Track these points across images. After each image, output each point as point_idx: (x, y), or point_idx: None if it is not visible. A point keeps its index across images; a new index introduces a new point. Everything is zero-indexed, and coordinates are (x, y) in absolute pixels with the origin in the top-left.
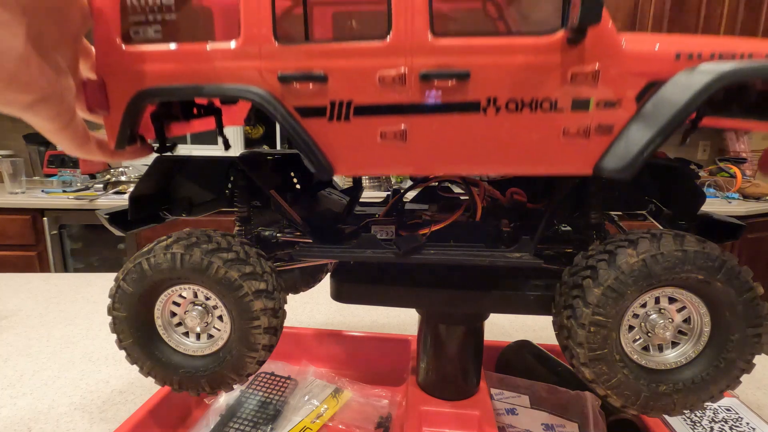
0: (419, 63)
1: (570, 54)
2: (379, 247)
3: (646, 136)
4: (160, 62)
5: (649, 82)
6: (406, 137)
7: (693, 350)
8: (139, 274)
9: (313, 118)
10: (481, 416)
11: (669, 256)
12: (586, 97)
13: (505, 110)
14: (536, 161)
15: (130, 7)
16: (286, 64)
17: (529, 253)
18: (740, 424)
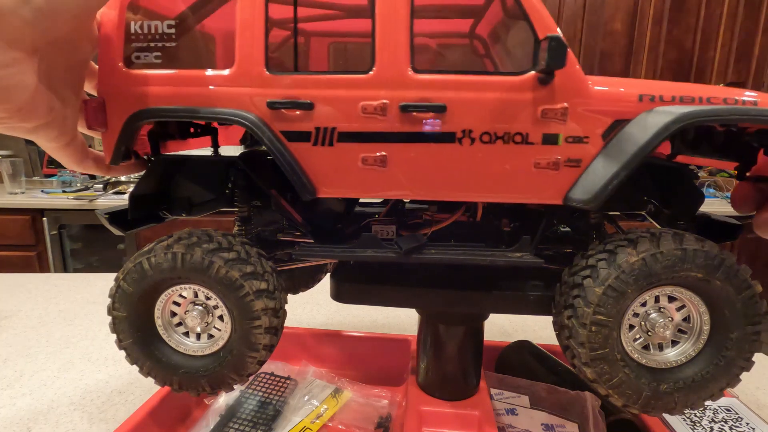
0: (399, 95)
1: (540, 92)
2: (380, 247)
3: (610, 171)
4: (158, 85)
5: (615, 121)
6: (386, 163)
7: (693, 349)
8: (140, 274)
9: (298, 143)
10: (481, 416)
11: (669, 255)
12: (556, 132)
13: (480, 142)
14: (509, 190)
15: (134, 34)
16: (275, 91)
17: (530, 253)
18: (740, 424)
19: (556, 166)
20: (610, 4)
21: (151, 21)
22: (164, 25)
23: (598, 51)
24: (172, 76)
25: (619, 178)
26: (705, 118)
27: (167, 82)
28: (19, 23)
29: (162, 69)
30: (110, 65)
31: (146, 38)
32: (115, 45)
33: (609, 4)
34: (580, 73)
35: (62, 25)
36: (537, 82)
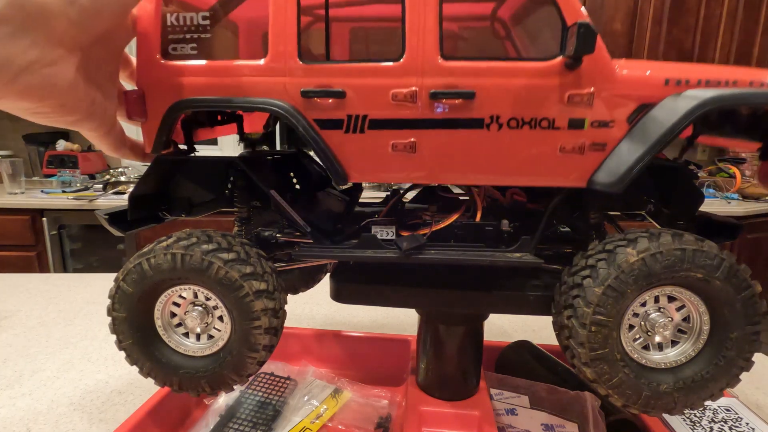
0: (429, 83)
1: (567, 78)
2: (379, 248)
3: (635, 155)
4: (195, 76)
5: (640, 105)
6: (415, 149)
7: (693, 349)
8: (139, 275)
9: (331, 130)
10: (481, 416)
11: (668, 255)
12: (582, 117)
13: (507, 127)
14: (535, 174)
15: (170, 27)
16: (308, 80)
17: (530, 253)
18: (740, 424)
19: (582, 150)
20: (609, 4)
21: (186, 13)
22: (199, 16)
23: None
24: (208, 66)
25: (643, 161)
26: (730, 102)
27: (203, 72)
28: (66, 23)
29: (198, 60)
30: (148, 57)
31: (182, 30)
32: (153, 38)
33: (609, 4)
34: (607, 58)
35: (104, 23)
36: (564, 68)
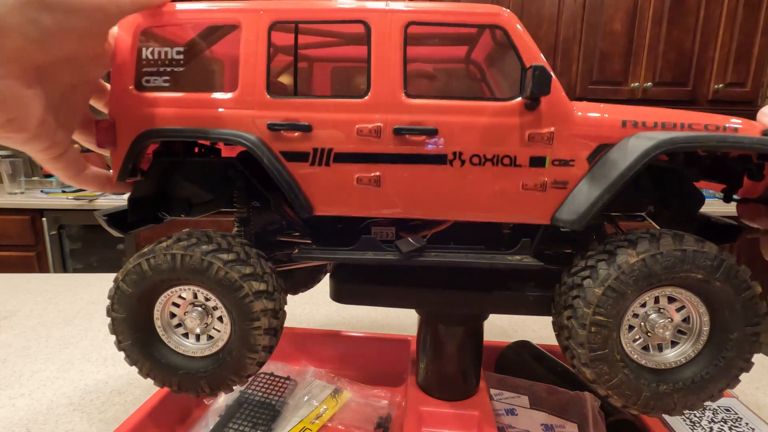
0: (393, 119)
1: (527, 117)
2: (379, 249)
3: (594, 194)
4: (165, 107)
5: (599, 145)
6: (380, 183)
7: (692, 349)
8: (139, 275)
9: (297, 162)
10: (481, 416)
11: (669, 256)
12: (543, 155)
13: (470, 163)
14: (498, 210)
15: (145, 60)
16: (276, 114)
17: (529, 255)
18: (740, 424)
19: (543, 187)
20: (609, 4)
21: (161, 47)
22: (174, 51)
23: (597, 51)
24: (179, 98)
25: (602, 200)
26: (683, 144)
27: (174, 104)
28: (22, 41)
29: (170, 92)
30: (122, 88)
31: (156, 63)
32: (128, 69)
33: (608, 4)
34: (565, 100)
35: (67, 46)
36: (524, 108)
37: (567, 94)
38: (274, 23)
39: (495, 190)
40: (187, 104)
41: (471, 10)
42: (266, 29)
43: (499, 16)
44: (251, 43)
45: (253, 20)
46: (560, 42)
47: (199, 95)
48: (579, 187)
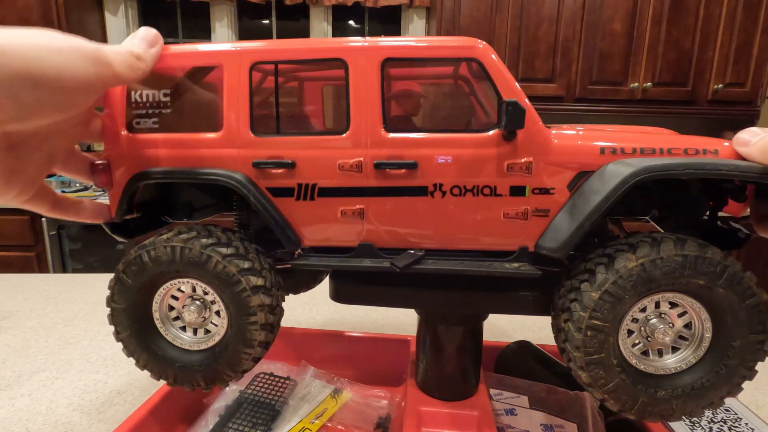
0: (373, 153)
1: (505, 148)
2: (377, 257)
3: (576, 222)
4: (156, 148)
5: (579, 173)
6: (363, 215)
7: (693, 356)
8: (139, 267)
9: (282, 198)
10: (480, 417)
11: (669, 261)
12: (522, 185)
13: (450, 194)
14: (482, 239)
15: (134, 102)
16: (260, 152)
17: (527, 263)
18: (739, 424)
19: (525, 215)
20: (609, 4)
21: (149, 90)
22: (161, 93)
23: (597, 51)
24: (168, 139)
25: (584, 228)
26: (660, 172)
27: (164, 144)
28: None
29: (159, 133)
30: (114, 130)
31: (145, 106)
32: (119, 112)
33: (608, 4)
34: (542, 130)
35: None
36: (501, 139)
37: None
38: (255, 63)
39: (477, 220)
40: (176, 145)
41: (446, 44)
42: (247, 69)
43: (474, 49)
44: (233, 83)
45: (235, 61)
46: (560, 42)
47: (186, 136)
48: (560, 215)
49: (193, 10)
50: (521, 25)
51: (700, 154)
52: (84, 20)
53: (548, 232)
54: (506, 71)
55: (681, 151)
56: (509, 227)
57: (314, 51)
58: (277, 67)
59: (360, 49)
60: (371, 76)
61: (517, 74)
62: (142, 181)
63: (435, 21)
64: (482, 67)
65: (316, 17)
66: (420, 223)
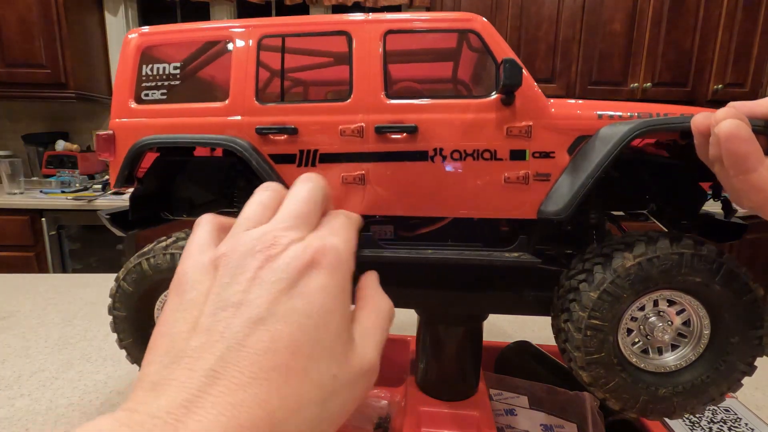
0: (374, 119)
1: (504, 112)
2: (376, 247)
3: (578, 182)
4: (161, 117)
5: (578, 137)
6: (364, 181)
7: (693, 353)
8: (139, 274)
9: (284, 164)
10: (480, 417)
11: (665, 259)
12: (522, 149)
13: (450, 159)
14: (483, 205)
15: (144, 76)
16: (264, 119)
17: (527, 253)
18: (739, 424)
19: (526, 180)
20: (609, 5)
21: (160, 64)
22: (171, 66)
23: (597, 52)
24: (175, 109)
25: (585, 187)
26: (657, 127)
27: (170, 114)
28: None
29: (166, 104)
30: (122, 102)
31: (155, 78)
32: (128, 84)
33: (608, 5)
34: (539, 95)
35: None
36: (500, 104)
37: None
38: (263, 36)
39: (478, 185)
40: (182, 114)
41: (446, 17)
42: (256, 41)
43: (472, 21)
44: (242, 55)
45: (244, 35)
46: (560, 42)
47: (191, 105)
48: (562, 177)
49: (193, 10)
50: (521, 25)
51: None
52: (83, 20)
53: (550, 197)
54: (504, 42)
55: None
56: (511, 193)
57: (320, 25)
58: (284, 40)
59: (363, 22)
60: (373, 46)
61: None
62: (145, 146)
63: None
64: (480, 37)
65: None
66: (421, 188)
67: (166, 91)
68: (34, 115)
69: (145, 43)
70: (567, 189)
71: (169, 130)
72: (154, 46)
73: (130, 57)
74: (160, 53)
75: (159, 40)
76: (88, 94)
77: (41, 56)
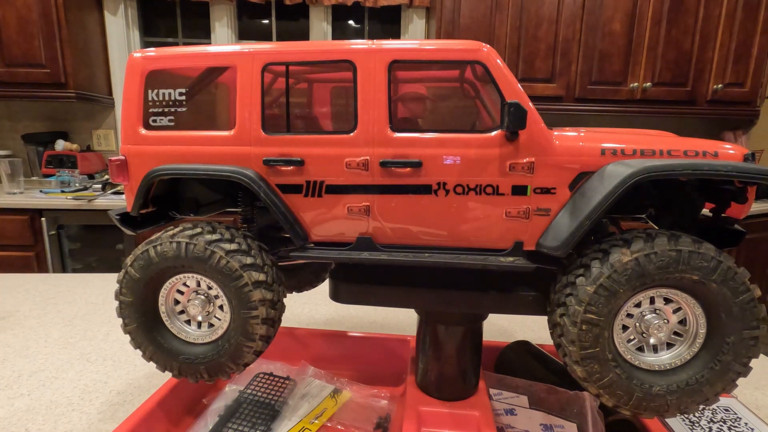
0: (380, 152)
1: (507, 148)
2: (375, 250)
3: (576, 221)
4: (171, 145)
5: (580, 173)
6: (369, 212)
7: (688, 352)
8: (146, 261)
9: (291, 194)
10: (480, 417)
11: (663, 256)
12: (524, 184)
13: (454, 193)
14: (484, 237)
15: (151, 101)
16: (271, 150)
17: (522, 258)
18: (739, 424)
19: (527, 214)
20: (608, 4)
21: (165, 89)
22: (176, 92)
23: (597, 51)
24: (183, 137)
25: (584, 227)
26: (659, 172)
27: (179, 142)
28: None
29: (174, 131)
30: (131, 128)
31: (161, 104)
32: (136, 109)
33: (608, 5)
34: (544, 131)
35: None
36: (504, 139)
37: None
38: (267, 65)
39: (479, 218)
40: (191, 142)
41: (451, 47)
42: (260, 70)
43: (479, 52)
44: (246, 83)
45: (248, 62)
46: (560, 42)
47: (200, 133)
48: (561, 214)
49: (192, 9)
50: (521, 25)
51: (700, 156)
52: (83, 20)
53: (549, 231)
54: (510, 74)
55: (681, 153)
56: (511, 226)
57: (324, 53)
58: (288, 68)
59: (368, 51)
60: (379, 78)
61: (517, 74)
62: (157, 177)
63: (435, 21)
64: (486, 69)
65: (316, 17)
66: (424, 221)
67: (173, 117)
68: (34, 114)
69: (149, 67)
70: (566, 227)
71: (178, 159)
72: (158, 70)
73: (136, 81)
74: (165, 78)
75: (163, 64)
76: (88, 94)
77: (41, 56)
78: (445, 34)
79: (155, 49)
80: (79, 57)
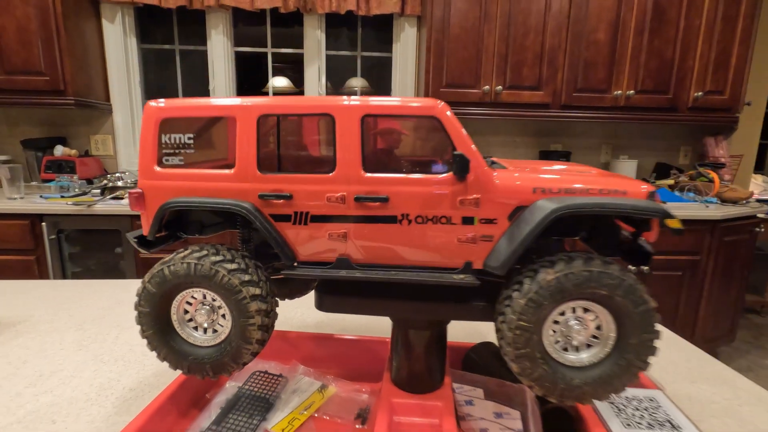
0: (355, 189)
1: (458, 187)
2: (351, 269)
3: (512, 247)
4: (181, 181)
5: (517, 207)
6: (346, 237)
7: (603, 352)
8: (161, 278)
9: (282, 222)
10: (443, 407)
11: (578, 275)
12: (472, 216)
13: (415, 222)
14: (440, 258)
15: (164, 143)
16: (265, 186)
17: (472, 275)
18: (658, 411)
19: (474, 240)
20: (593, 15)
21: (176, 134)
22: (185, 137)
23: (581, 60)
24: (191, 174)
25: (518, 252)
26: (574, 209)
27: (188, 178)
28: None
29: (184, 169)
30: (148, 165)
31: (173, 146)
32: (151, 150)
33: (592, 15)
34: (487, 173)
35: None
36: (455, 180)
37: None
38: (262, 116)
39: (437, 243)
40: (198, 178)
41: (412, 104)
42: (255, 120)
43: (434, 108)
44: (245, 130)
45: (246, 113)
46: (546, 51)
47: (206, 171)
48: (501, 240)
49: (189, 17)
50: (509, 35)
51: (611, 194)
52: (81, 28)
53: (492, 254)
54: (459, 125)
55: (596, 191)
56: (462, 249)
57: (309, 107)
58: (278, 119)
59: (345, 107)
60: (353, 128)
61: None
62: (170, 208)
63: (426, 30)
64: (439, 122)
65: (310, 25)
66: (391, 245)
67: (183, 157)
68: (33, 120)
69: (162, 116)
70: (505, 251)
71: (187, 192)
72: (170, 118)
73: (151, 126)
74: (176, 124)
75: (174, 113)
76: (86, 101)
77: (40, 63)
78: (435, 42)
79: (166, 100)
80: (77, 64)
